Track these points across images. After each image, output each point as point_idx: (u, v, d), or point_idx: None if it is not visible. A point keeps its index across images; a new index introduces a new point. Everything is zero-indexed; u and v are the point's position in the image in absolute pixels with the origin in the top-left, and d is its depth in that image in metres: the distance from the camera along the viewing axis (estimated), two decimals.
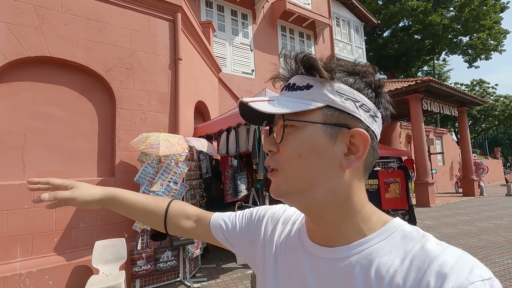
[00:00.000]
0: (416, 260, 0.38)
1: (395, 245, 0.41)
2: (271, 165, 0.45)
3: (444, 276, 0.34)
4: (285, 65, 0.49)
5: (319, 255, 0.46)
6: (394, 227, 0.43)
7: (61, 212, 3.20)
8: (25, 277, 2.87)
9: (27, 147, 3.18)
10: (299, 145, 0.42)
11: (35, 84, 3.28)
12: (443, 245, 0.39)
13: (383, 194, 4.59)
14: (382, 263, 0.40)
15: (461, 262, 0.35)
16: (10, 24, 3.09)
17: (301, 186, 0.43)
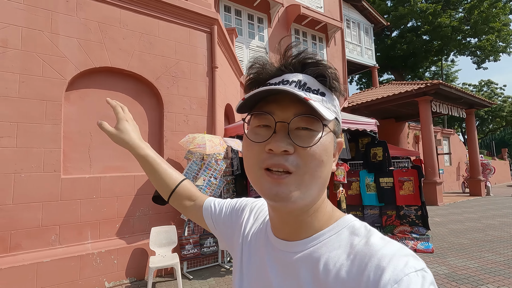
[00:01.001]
0: (359, 255, 0.40)
1: (343, 240, 0.44)
2: (288, 167, 0.41)
3: (382, 269, 0.37)
4: (283, 56, 0.47)
5: (280, 248, 0.49)
6: (345, 222, 0.46)
7: (121, 202, 3.70)
8: (96, 256, 3.38)
9: (93, 145, 3.68)
10: (324, 150, 0.42)
11: (98, 90, 3.78)
12: (385, 240, 0.42)
13: (397, 191, 5.02)
14: (330, 258, 0.42)
15: (397, 255, 0.38)
16: (80, 39, 3.58)
17: (308, 190, 0.42)
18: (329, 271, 0.41)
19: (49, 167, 3.27)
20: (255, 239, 0.56)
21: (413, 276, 0.36)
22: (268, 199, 0.43)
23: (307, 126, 0.42)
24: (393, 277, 0.36)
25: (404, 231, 4.89)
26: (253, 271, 0.53)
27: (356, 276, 0.39)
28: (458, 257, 4.17)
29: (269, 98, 0.44)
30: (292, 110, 0.42)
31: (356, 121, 5.12)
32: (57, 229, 3.27)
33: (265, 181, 0.42)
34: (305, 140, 0.42)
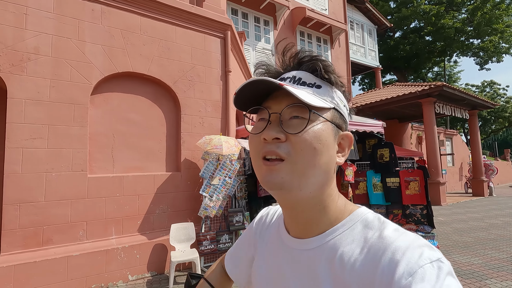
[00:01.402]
0: (373, 248, 0.40)
1: (357, 234, 0.44)
2: (280, 154, 0.43)
3: (396, 262, 0.37)
4: (281, 57, 0.50)
5: (293, 247, 0.49)
6: (358, 216, 0.46)
7: (142, 200, 3.91)
8: (120, 251, 3.58)
9: (115, 146, 3.88)
10: (316, 137, 0.43)
11: (121, 94, 3.98)
12: (399, 231, 0.41)
13: (403, 191, 5.19)
14: (345, 252, 0.43)
15: (411, 247, 0.38)
16: (104, 46, 3.78)
17: (304, 179, 0.43)
18: (344, 266, 0.42)
19: (77, 167, 3.48)
20: (269, 240, 0.56)
21: (428, 268, 0.35)
22: (264, 187, 0.45)
23: (298, 115, 0.44)
24: (407, 270, 0.35)
25: (410, 230, 5.05)
26: (267, 272, 0.53)
27: (371, 270, 0.39)
28: (463, 254, 4.35)
29: (269, 96, 0.47)
30: (285, 102, 0.45)
31: (364, 123, 5.29)
32: (85, 225, 3.47)
33: (262, 169, 0.44)
34: (296, 127, 0.43)
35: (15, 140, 3.16)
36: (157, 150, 4.21)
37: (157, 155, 4.20)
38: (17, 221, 3.10)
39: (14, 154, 3.14)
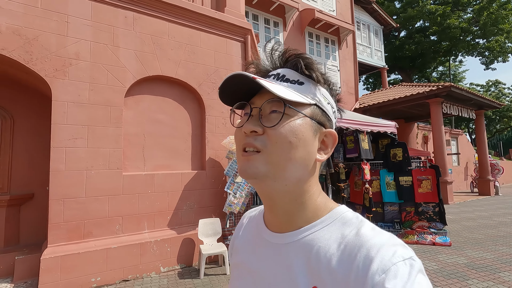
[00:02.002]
0: (349, 245, 0.42)
1: (335, 230, 0.45)
2: (256, 146, 0.44)
3: (370, 259, 0.38)
4: (270, 57, 0.52)
5: (271, 240, 0.50)
6: (337, 214, 0.48)
7: (171, 197, 4.13)
8: (153, 244, 3.81)
9: (146, 146, 4.11)
10: (291, 132, 0.44)
11: (150, 96, 4.20)
12: (375, 230, 0.43)
13: (416, 189, 5.38)
14: (322, 248, 0.44)
15: (386, 245, 0.39)
16: (136, 51, 4.00)
17: (279, 171, 0.44)
18: (320, 261, 0.43)
19: (113, 165, 3.71)
20: (246, 239, 0.58)
21: (400, 265, 0.37)
22: (241, 176, 0.46)
23: (276, 109, 0.45)
24: (381, 266, 0.37)
25: (423, 226, 5.26)
26: (245, 267, 0.54)
27: (346, 266, 0.40)
28: (475, 250, 4.54)
29: (256, 93, 0.49)
30: (266, 97, 0.46)
31: (377, 123, 5.49)
32: (120, 220, 3.70)
33: (240, 160, 0.46)
34: (272, 121, 0.45)
35: (59, 140, 3.39)
36: (183, 149, 4.43)
37: (183, 154, 4.42)
38: (62, 216, 3.34)
39: (58, 153, 3.38)
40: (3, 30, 3.17)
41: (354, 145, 5.31)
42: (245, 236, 0.59)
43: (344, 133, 5.42)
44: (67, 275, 3.21)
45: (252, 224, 0.59)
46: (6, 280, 3.33)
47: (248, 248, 0.55)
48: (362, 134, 5.14)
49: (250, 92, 0.49)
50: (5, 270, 3.43)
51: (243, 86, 0.47)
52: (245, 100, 0.49)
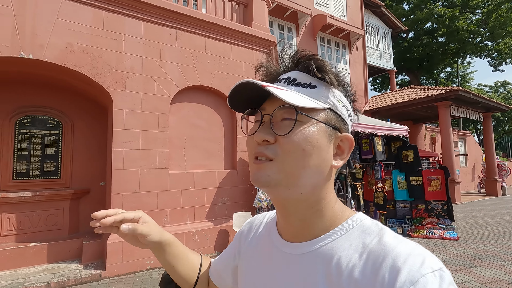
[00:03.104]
0: (372, 254, 0.40)
1: (355, 239, 0.43)
2: (267, 155, 0.43)
3: (397, 270, 0.36)
4: (280, 59, 0.50)
5: (286, 251, 0.48)
6: (355, 221, 0.46)
7: (208, 193, 4.67)
8: (195, 234, 4.36)
9: (187, 148, 4.66)
10: (304, 139, 0.43)
11: (190, 104, 4.75)
12: (398, 238, 0.41)
13: (426, 188, 5.84)
14: (342, 258, 0.42)
15: (413, 255, 0.37)
16: (179, 64, 4.55)
17: (293, 179, 0.43)
18: (341, 272, 0.41)
19: (161, 164, 4.26)
20: (257, 247, 0.56)
21: (430, 277, 0.35)
22: (253, 184, 0.46)
23: (288, 116, 0.44)
24: (409, 278, 0.35)
25: (432, 222, 5.72)
26: (256, 278, 0.52)
27: (371, 276, 0.38)
28: (480, 243, 4.99)
29: (268, 98, 0.47)
30: (277, 104, 0.44)
31: (391, 128, 5.96)
32: (167, 212, 4.26)
33: (252, 168, 0.45)
34: (284, 129, 0.43)
35: (119, 142, 3.96)
36: (217, 150, 4.97)
37: (217, 155, 4.96)
38: (122, 207, 3.89)
39: (118, 154, 3.94)
40: (75, 49, 3.75)
41: (369, 147, 5.78)
42: (255, 242, 0.57)
43: (359, 136, 5.90)
44: (127, 257, 3.78)
45: (264, 231, 0.57)
46: (75, 262, 3.91)
47: (259, 257, 0.53)
48: (376, 137, 5.62)
49: (262, 98, 0.47)
50: (73, 253, 4.01)
51: (253, 92, 0.46)
52: (257, 106, 0.48)
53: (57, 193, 4.16)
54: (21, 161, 4.11)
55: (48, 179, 4.28)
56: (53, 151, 4.34)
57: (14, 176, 4.05)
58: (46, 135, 4.31)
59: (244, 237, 0.61)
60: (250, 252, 0.56)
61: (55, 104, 4.44)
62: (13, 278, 3.40)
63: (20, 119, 4.15)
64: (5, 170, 4.01)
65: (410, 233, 5.66)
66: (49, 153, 4.31)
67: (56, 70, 3.78)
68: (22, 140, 4.15)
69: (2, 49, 3.34)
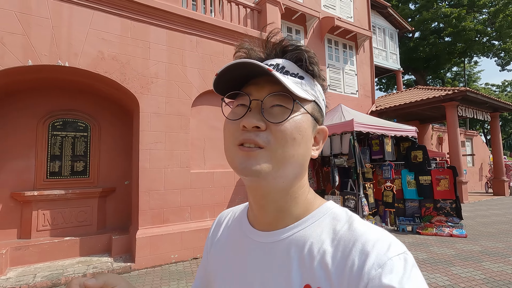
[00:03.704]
0: (343, 240, 0.42)
1: (326, 226, 0.45)
2: (258, 142, 0.42)
3: (366, 254, 0.38)
4: (265, 43, 0.49)
5: (258, 240, 0.48)
6: (327, 209, 0.47)
7: (226, 191, 4.92)
8: None
9: (206, 148, 4.91)
10: (296, 128, 0.43)
11: (209, 107, 5.00)
12: (367, 225, 0.43)
13: (435, 187, 6.01)
14: (314, 244, 0.43)
15: (380, 240, 0.40)
16: (199, 69, 4.81)
17: (281, 168, 0.43)
18: (313, 257, 0.42)
19: (183, 164, 4.52)
20: (228, 242, 0.55)
21: (395, 260, 0.37)
22: (239, 173, 0.44)
23: (280, 103, 0.43)
24: (377, 261, 0.37)
25: (441, 220, 5.89)
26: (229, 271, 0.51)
27: (341, 261, 0.40)
28: (488, 241, 5.15)
29: (250, 82, 0.46)
30: (267, 89, 0.44)
31: (400, 129, 6.14)
32: (189, 209, 4.52)
33: (237, 155, 0.43)
34: (277, 116, 0.43)
35: (145, 143, 4.22)
36: None
37: None
38: (148, 204, 4.16)
39: (144, 154, 4.20)
40: (105, 57, 4.02)
41: (379, 148, 5.98)
42: (224, 238, 0.56)
43: (370, 137, 6.09)
44: (154, 251, 4.04)
45: (234, 225, 0.56)
46: (105, 255, 4.19)
47: (232, 251, 0.53)
48: (386, 138, 5.81)
49: (242, 80, 0.46)
50: (102, 247, 4.29)
51: (238, 75, 0.44)
52: (235, 89, 0.47)
53: (87, 191, 4.44)
54: (53, 161, 4.40)
55: (78, 178, 4.56)
56: (82, 152, 4.63)
57: (48, 175, 4.34)
58: (76, 137, 4.59)
59: (211, 238, 0.60)
60: (220, 249, 0.55)
61: (83, 107, 4.72)
62: (51, 269, 3.68)
63: (52, 122, 4.44)
64: (40, 169, 4.30)
65: (419, 231, 5.84)
66: (79, 154, 4.59)
67: (88, 76, 4.05)
68: (54, 141, 4.44)
69: (42, 58, 3.62)
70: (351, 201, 5.07)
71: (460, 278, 3.45)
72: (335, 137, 5.57)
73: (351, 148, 5.08)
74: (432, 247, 4.83)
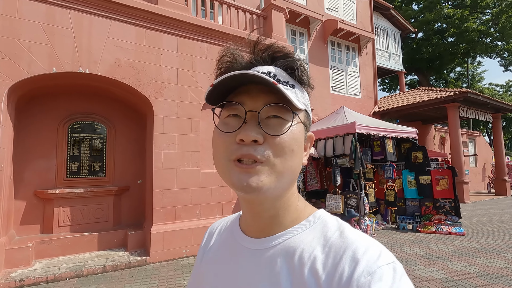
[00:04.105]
0: (333, 247, 0.42)
1: (317, 233, 0.45)
2: (257, 157, 0.41)
3: (356, 261, 0.39)
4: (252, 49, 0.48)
5: (250, 247, 0.48)
6: (318, 217, 0.48)
7: None
8: None
9: None
10: (294, 140, 0.43)
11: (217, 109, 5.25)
12: (358, 233, 0.44)
13: (434, 187, 6.22)
14: (305, 250, 0.43)
15: (371, 248, 0.40)
16: (208, 74, 5.07)
17: (280, 179, 0.43)
18: (304, 263, 0.42)
19: (194, 164, 4.79)
20: (220, 250, 0.55)
21: (385, 269, 0.38)
22: (238, 191, 0.42)
23: (278, 115, 0.42)
24: (367, 269, 0.38)
25: (440, 219, 6.10)
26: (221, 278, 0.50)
27: (331, 267, 0.40)
28: (486, 238, 5.36)
29: (240, 89, 0.44)
30: (262, 99, 0.42)
31: (401, 130, 6.35)
32: (199, 207, 4.78)
33: (234, 172, 0.42)
34: (275, 128, 0.42)
35: (159, 145, 4.49)
36: None
37: None
38: (161, 202, 4.43)
39: (158, 155, 4.47)
40: (122, 64, 4.29)
41: (380, 149, 6.20)
42: (216, 247, 0.56)
43: (371, 138, 6.32)
44: (167, 246, 4.31)
45: (226, 234, 0.56)
46: (121, 249, 4.46)
47: (223, 259, 0.52)
48: (387, 139, 6.03)
49: (230, 89, 0.44)
50: (119, 242, 4.57)
51: (232, 84, 0.43)
52: (223, 96, 0.45)
53: (103, 189, 4.72)
54: (73, 161, 4.69)
55: (95, 177, 4.85)
56: (99, 153, 4.91)
57: (67, 174, 4.63)
58: (93, 139, 4.88)
59: (203, 248, 0.59)
60: (212, 257, 0.55)
61: (100, 110, 5.01)
62: (73, 261, 3.97)
63: (72, 124, 4.72)
64: (61, 169, 4.59)
65: (419, 229, 6.05)
66: (96, 154, 4.88)
67: (106, 81, 4.33)
68: (73, 143, 4.73)
69: (65, 66, 3.90)
70: (353, 200, 5.30)
71: (455, 272, 3.67)
72: (337, 138, 5.81)
73: (353, 149, 5.31)
74: (430, 244, 5.05)
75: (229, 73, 0.41)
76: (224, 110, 0.46)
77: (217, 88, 0.43)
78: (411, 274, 3.66)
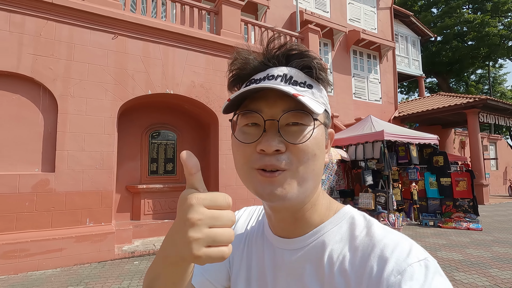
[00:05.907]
0: (361, 245, 0.41)
1: (345, 232, 0.45)
2: (280, 167, 0.40)
3: (385, 260, 0.38)
4: (266, 49, 0.46)
5: (280, 246, 0.48)
6: (344, 214, 0.47)
7: None
8: None
9: None
10: (316, 144, 0.42)
11: None
12: (386, 230, 0.42)
13: (454, 188, 6.96)
14: (334, 250, 0.43)
15: (400, 245, 0.39)
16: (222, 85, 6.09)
17: (304, 184, 0.42)
18: (332, 264, 0.42)
19: None
20: (251, 244, 0.55)
21: (416, 266, 0.36)
22: (263, 199, 0.43)
23: (298, 121, 0.41)
24: (397, 267, 0.36)
25: (459, 216, 6.84)
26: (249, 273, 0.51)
27: (359, 267, 0.40)
28: (501, 233, 6.07)
29: (255, 95, 0.42)
30: (280, 106, 0.41)
31: (423, 137, 7.14)
32: (253, 201, 5.79)
33: (258, 181, 0.41)
34: (296, 136, 0.41)
35: (222, 150, 5.54)
36: None
37: None
38: None
39: (222, 159, 5.53)
40: (196, 85, 5.38)
41: (405, 153, 7.01)
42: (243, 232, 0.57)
43: (396, 144, 7.14)
44: None
45: (257, 227, 0.56)
46: None
47: (254, 254, 0.53)
48: (412, 145, 6.84)
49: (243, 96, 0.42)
50: None
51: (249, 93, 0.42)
52: (236, 103, 0.43)
53: (175, 186, 5.82)
54: (152, 162, 5.82)
55: (169, 176, 5.96)
56: (171, 155, 6.02)
57: (149, 173, 5.76)
58: (167, 144, 6.00)
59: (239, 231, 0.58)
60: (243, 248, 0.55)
61: (171, 121, 6.13)
62: (161, 241, 5.06)
63: (151, 133, 5.86)
64: (144, 169, 5.73)
65: (440, 225, 6.82)
66: (169, 157, 6.00)
67: (184, 99, 5.43)
68: (153, 147, 5.86)
69: (156, 88, 5.02)
70: (382, 197, 6.15)
71: (472, 256, 4.49)
72: (367, 144, 6.68)
73: (382, 154, 6.18)
74: (450, 236, 5.83)
75: (247, 88, 0.40)
76: (241, 118, 0.45)
77: (233, 100, 0.42)
78: (434, 256, 4.51)
